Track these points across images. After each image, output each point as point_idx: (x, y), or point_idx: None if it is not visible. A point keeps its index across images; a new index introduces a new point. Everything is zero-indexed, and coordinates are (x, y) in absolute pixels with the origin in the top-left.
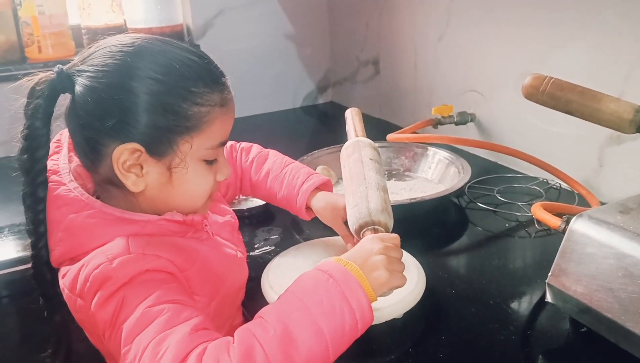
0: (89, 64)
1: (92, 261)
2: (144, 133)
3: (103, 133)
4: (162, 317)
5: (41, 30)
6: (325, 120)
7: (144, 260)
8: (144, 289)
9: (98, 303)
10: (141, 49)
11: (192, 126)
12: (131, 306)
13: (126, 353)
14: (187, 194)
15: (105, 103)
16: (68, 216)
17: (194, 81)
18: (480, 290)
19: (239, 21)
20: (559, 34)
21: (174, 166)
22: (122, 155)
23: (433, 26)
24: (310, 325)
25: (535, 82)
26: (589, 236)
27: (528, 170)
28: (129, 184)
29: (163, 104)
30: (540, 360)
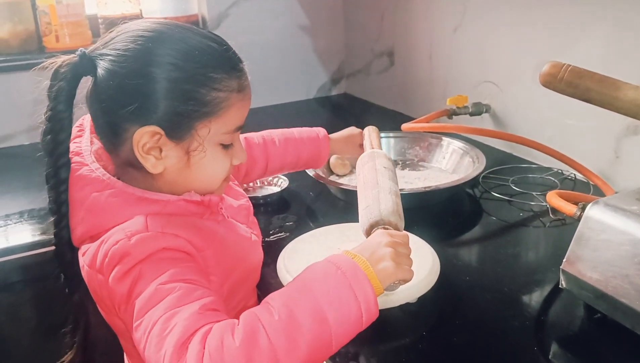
0: (111, 48)
1: (112, 237)
2: (164, 118)
3: (124, 117)
4: (174, 294)
5: (59, 20)
6: (338, 111)
7: (162, 238)
8: (160, 266)
9: (116, 278)
10: (161, 35)
11: (210, 111)
12: (146, 282)
13: (137, 326)
14: (204, 176)
15: (126, 88)
16: (90, 195)
17: (212, 68)
18: (494, 277)
19: (254, 12)
20: (575, 24)
21: (192, 150)
22: (142, 138)
23: (448, 17)
24: (315, 313)
25: (553, 70)
26: (605, 223)
27: (543, 161)
28: (149, 167)
29: (182, 89)
30: (554, 346)
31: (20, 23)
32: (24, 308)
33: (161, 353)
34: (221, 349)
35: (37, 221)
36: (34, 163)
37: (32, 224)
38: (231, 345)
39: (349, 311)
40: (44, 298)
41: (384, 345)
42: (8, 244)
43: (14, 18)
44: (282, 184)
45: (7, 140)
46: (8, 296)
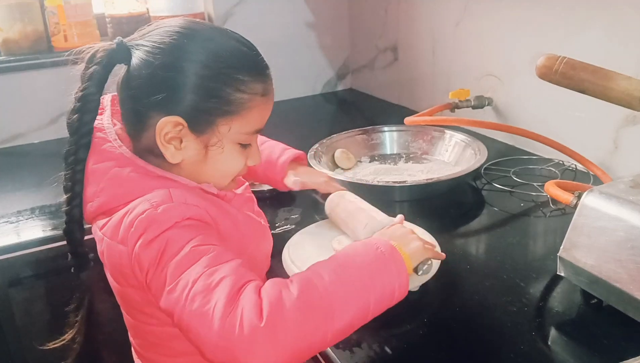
0: (147, 40)
1: (137, 208)
2: (188, 110)
3: (150, 105)
4: (210, 254)
5: (67, 20)
6: (344, 106)
7: (186, 207)
8: (188, 232)
9: (142, 245)
10: (196, 33)
11: (232, 110)
12: (176, 246)
13: (173, 288)
14: (218, 171)
15: (157, 78)
16: (112, 169)
17: (239, 69)
18: (494, 266)
19: (260, 10)
20: (575, 17)
21: (211, 145)
22: (165, 126)
23: (450, 12)
24: (360, 280)
25: (548, 62)
26: (600, 210)
27: (544, 152)
28: (168, 155)
29: (208, 86)
30: (552, 330)
31: (29, 24)
32: (36, 303)
33: (209, 306)
34: (280, 298)
35: (48, 217)
36: (44, 160)
37: (43, 221)
38: (289, 296)
39: (387, 284)
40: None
41: (387, 332)
42: (20, 239)
43: (24, 19)
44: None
45: (17, 138)
46: (20, 290)
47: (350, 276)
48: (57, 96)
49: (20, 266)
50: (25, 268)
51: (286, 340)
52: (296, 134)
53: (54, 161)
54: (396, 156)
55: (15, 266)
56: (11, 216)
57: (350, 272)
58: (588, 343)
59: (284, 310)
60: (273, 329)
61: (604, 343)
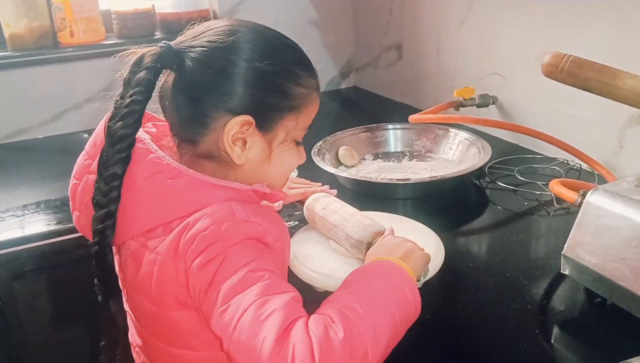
0: (203, 41)
1: (198, 223)
2: (254, 108)
3: (214, 106)
4: (264, 282)
5: (73, 15)
6: (348, 104)
7: (249, 226)
8: (247, 254)
9: (201, 263)
10: (251, 31)
11: (295, 105)
12: (232, 268)
13: (223, 312)
14: (280, 171)
15: (218, 78)
16: (164, 182)
17: (297, 65)
18: (498, 264)
19: (264, 7)
20: (580, 15)
21: (278, 142)
22: (234, 127)
23: (455, 10)
24: (386, 307)
25: (554, 60)
26: (604, 209)
27: (548, 151)
28: (235, 157)
29: (272, 82)
30: (556, 328)
31: (35, 19)
32: (40, 296)
33: (259, 337)
34: (329, 339)
35: (53, 211)
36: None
37: (48, 215)
38: (336, 335)
39: (407, 307)
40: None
41: None
42: (25, 233)
43: (30, 14)
44: (291, 174)
45: (22, 133)
46: (24, 284)
47: (379, 306)
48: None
49: (25, 259)
50: (30, 262)
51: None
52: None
53: (59, 156)
54: (400, 154)
55: (20, 260)
56: (17, 209)
57: (377, 301)
58: (591, 342)
59: (334, 351)
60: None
61: (607, 341)
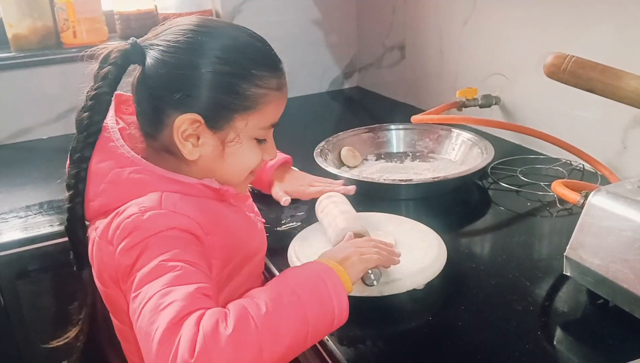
0: (162, 39)
1: (127, 211)
2: (205, 107)
3: (168, 103)
4: (174, 273)
5: (76, 16)
6: (350, 104)
7: (173, 217)
8: (167, 243)
9: (123, 249)
10: (210, 30)
11: (249, 105)
12: (150, 257)
13: (134, 297)
14: (235, 167)
15: (173, 76)
16: (113, 169)
17: (255, 65)
18: (500, 264)
19: (267, 7)
20: (583, 16)
21: (229, 141)
22: (182, 124)
23: (458, 10)
24: (297, 308)
25: (556, 61)
26: (607, 210)
27: (551, 152)
28: (186, 153)
29: (225, 83)
30: (558, 330)
31: (39, 19)
32: (43, 296)
33: (154, 327)
34: (216, 334)
35: (56, 212)
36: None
37: (51, 216)
38: (224, 331)
39: (324, 312)
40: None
41: (391, 330)
42: (28, 234)
43: (33, 14)
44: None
45: (26, 134)
46: (27, 284)
47: (288, 307)
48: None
49: (28, 259)
50: (33, 262)
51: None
52: (303, 131)
53: (62, 157)
54: (402, 154)
55: (24, 260)
56: (20, 210)
57: (288, 302)
58: (594, 344)
59: (217, 347)
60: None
61: (609, 343)
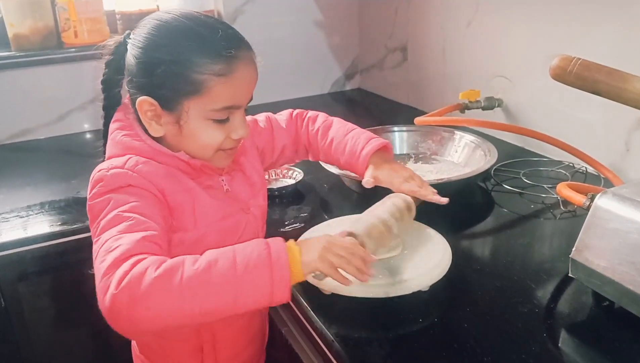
0: (136, 33)
1: (100, 165)
2: (155, 91)
3: (136, 90)
4: (128, 222)
5: (77, 16)
6: (352, 106)
7: (130, 176)
8: (126, 197)
9: (90, 199)
10: (165, 24)
11: (192, 90)
12: (111, 208)
13: (95, 242)
14: (196, 144)
15: (135, 65)
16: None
17: (195, 52)
18: (504, 266)
19: (269, 8)
20: (587, 19)
21: (183, 122)
22: (142, 105)
23: (462, 12)
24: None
25: (562, 63)
26: (613, 212)
27: (554, 154)
28: (151, 130)
29: (170, 71)
30: (563, 332)
31: (40, 19)
32: (44, 297)
33: (103, 264)
34: (141, 276)
35: (57, 212)
36: (53, 156)
37: (52, 216)
38: (150, 274)
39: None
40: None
41: (397, 331)
42: (29, 234)
43: (35, 14)
44: (297, 176)
45: (27, 134)
46: (28, 285)
47: (219, 272)
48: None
49: (29, 260)
50: (34, 263)
51: (137, 313)
52: None
53: (63, 157)
54: (405, 156)
55: (25, 261)
56: (21, 210)
57: (221, 267)
58: (599, 346)
59: (138, 285)
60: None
61: (615, 345)
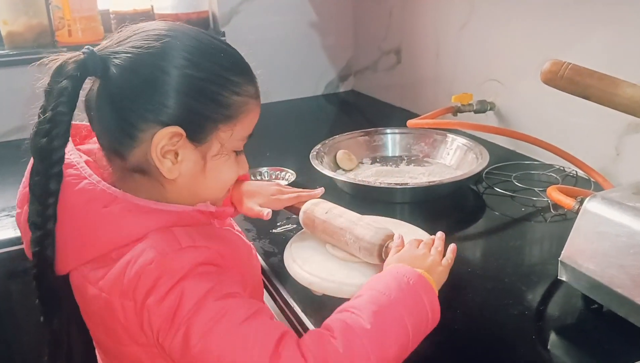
0: (129, 46)
1: (142, 256)
2: (185, 118)
3: (141, 117)
4: (235, 306)
5: (72, 15)
6: (346, 108)
7: (196, 252)
8: (203, 282)
9: (156, 301)
10: (182, 35)
11: (230, 114)
12: (193, 300)
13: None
14: (216, 184)
15: (146, 86)
16: (100, 210)
17: (232, 72)
18: (495, 269)
19: (264, 9)
20: (580, 24)
21: (212, 154)
22: (162, 139)
23: (455, 15)
24: (399, 321)
25: (554, 68)
26: (602, 216)
27: (545, 158)
28: (165, 171)
29: (204, 91)
30: (552, 334)
31: (34, 17)
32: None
33: None
34: (327, 355)
35: None
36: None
37: None
38: (336, 352)
39: (423, 319)
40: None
41: None
42: (17, 233)
43: (29, 12)
44: (289, 177)
45: (20, 131)
46: (19, 283)
47: (390, 318)
48: None
49: (19, 259)
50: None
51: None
52: (298, 134)
53: None
54: (398, 158)
55: (15, 259)
56: (12, 209)
57: (389, 313)
58: (588, 348)
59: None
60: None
61: (604, 348)
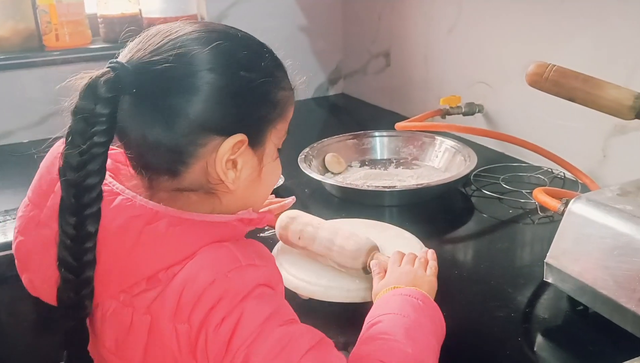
0: (168, 55)
1: (199, 276)
2: (245, 124)
3: (199, 131)
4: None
5: (59, 19)
6: (335, 111)
7: (257, 271)
8: (263, 305)
9: (214, 324)
10: (227, 36)
11: (280, 112)
12: (253, 324)
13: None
14: (268, 188)
15: (200, 98)
16: (142, 227)
17: (275, 66)
18: (482, 271)
19: (253, 13)
20: (566, 27)
21: (269, 156)
22: (227, 151)
23: (444, 19)
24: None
25: (538, 70)
26: (587, 218)
27: (533, 160)
28: (229, 182)
29: (259, 91)
30: (539, 336)
31: (21, 22)
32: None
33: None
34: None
35: None
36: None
37: None
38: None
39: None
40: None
41: None
42: (7, 239)
43: (16, 16)
44: (277, 182)
45: (7, 137)
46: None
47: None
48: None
49: (7, 264)
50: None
51: None
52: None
53: None
54: (386, 161)
55: (2, 265)
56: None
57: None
58: (574, 349)
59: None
60: None
61: (589, 349)
